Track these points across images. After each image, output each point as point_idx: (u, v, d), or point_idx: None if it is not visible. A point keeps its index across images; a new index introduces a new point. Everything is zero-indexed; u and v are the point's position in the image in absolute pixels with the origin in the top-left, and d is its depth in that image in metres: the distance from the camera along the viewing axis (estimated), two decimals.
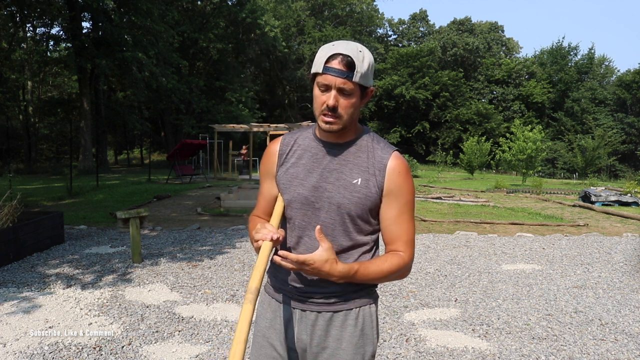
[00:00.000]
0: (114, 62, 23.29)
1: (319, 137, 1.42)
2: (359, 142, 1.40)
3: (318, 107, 1.33)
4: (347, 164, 1.38)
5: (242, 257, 5.80)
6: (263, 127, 21.71)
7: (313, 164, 1.40)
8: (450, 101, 43.56)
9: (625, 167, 37.85)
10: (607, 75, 49.70)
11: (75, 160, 23.58)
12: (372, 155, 1.38)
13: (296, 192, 1.39)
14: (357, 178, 1.36)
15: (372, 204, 1.36)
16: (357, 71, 1.28)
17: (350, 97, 1.30)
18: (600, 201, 12.19)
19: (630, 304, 4.34)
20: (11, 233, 5.37)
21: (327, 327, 1.39)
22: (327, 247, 1.28)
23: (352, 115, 1.33)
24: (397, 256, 1.36)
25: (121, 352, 3.11)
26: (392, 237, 1.38)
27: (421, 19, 54.01)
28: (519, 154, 20.28)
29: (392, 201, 1.37)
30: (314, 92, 1.34)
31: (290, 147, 1.45)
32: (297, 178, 1.40)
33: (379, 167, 1.36)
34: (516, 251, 6.48)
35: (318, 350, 1.39)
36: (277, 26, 34.57)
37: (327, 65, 1.28)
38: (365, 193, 1.35)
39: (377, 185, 1.36)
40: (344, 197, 1.35)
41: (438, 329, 3.65)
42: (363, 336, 1.40)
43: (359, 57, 1.28)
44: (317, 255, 1.27)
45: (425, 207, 11.18)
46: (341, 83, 1.28)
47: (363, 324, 1.40)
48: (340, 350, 1.38)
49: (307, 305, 1.40)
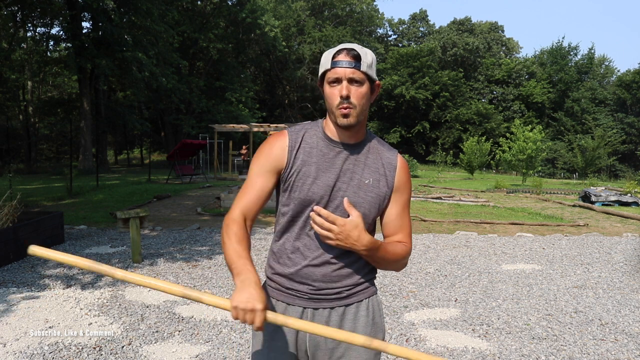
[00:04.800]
0: (114, 62, 23.28)
1: (329, 136, 1.42)
2: (368, 144, 1.45)
3: (333, 103, 1.35)
4: (359, 164, 1.42)
5: None
6: (263, 127, 21.71)
7: (325, 163, 1.39)
8: (450, 101, 43.54)
9: (625, 167, 37.84)
10: (607, 75, 49.70)
11: (75, 160, 23.57)
12: (379, 157, 1.44)
13: (311, 190, 1.37)
14: (368, 178, 1.41)
15: (383, 203, 1.43)
16: (364, 61, 1.34)
17: (361, 86, 1.35)
18: (600, 201, 12.19)
19: (630, 304, 4.34)
20: (11, 233, 5.37)
21: (340, 321, 1.40)
22: (357, 214, 1.34)
23: (364, 106, 1.37)
24: (405, 246, 1.44)
25: (121, 352, 3.11)
26: (396, 229, 1.45)
27: (421, 19, 54.00)
28: (519, 154, 20.28)
29: (399, 197, 1.45)
30: (325, 91, 1.38)
31: (299, 144, 1.41)
32: (309, 177, 1.38)
33: (389, 167, 1.44)
34: (516, 251, 6.48)
35: (333, 346, 1.40)
36: (277, 26, 34.56)
37: (335, 60, 1.34)
38: (377, 193, 1.42)
39: (387, 185, 1.43)
40: (358, 196, 1.39)
41: (438, 329, 3.65)
42: (374, 325, 1.45)
43: (362, 50, 1.36)
44: (349, 219, 1.32)
45: (425, 207, 11.18)
46: (351, 73, 1.33)
47: (374, 313, 1.45)
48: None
49: (319, 303, 1.40)
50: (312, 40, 41.95)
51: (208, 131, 25.46)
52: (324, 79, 1.39)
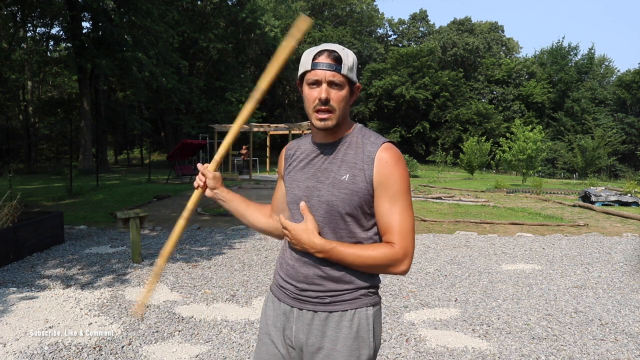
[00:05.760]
0: (114, 62, 23.28)
1: (313, 139, 1.48)
2: (349, 139, 1.41)
3: (310, 105, 1.35)
4: (336, 161, 1.40)
5: (242, 257, 5.80)
6: (263, 127, 21.71)
7: (307, 165, 1.45)
8: (450, 101, 43.55)
9: (625, 167, 37.85)
10: (607, 75, 49.73)
11: (75, 160, 23.58)
12: (361, 151, 1.37)
13: (292, 193, 1.46)
14: (344, 174, 1.37)
15: (361, 199, 1.35)
16: (344, 64, 1.33)
17: (341, 89, 1.34)
18: (600, 201, 12.19)
19: (630, 304, 4.34)
20: (11, 233, 5.37)
21: (322, 327, 1.39)
22: (309, 219, 1.37)
23: (343, 109, 1.36)
24: (387, 246, 1.34)
25: (121, 352, 3.11)
26: (384, 228, 1.36)
27: (421, 19, 54.02)
28: (519, 154, 20.28)
29: (382, 192, 1.35)
30: (304, 92, 1.37)
31: (294, 152, 1.53)
32: (295, 180, 1.47)
33: (367, 160, 1.35)
34: (516, 251, 6.48)
35: (314, 350, 1.40)
36: (277, 26, 34.56)
37: (315, 61, 1.33)
38: (352, 189, 1.35)
39: (365, 180, 1.34)
40: (332, 194, 1.37)
41: (438, 329, 3.65)
42: (358, 339, 1.38)
43: (343, 53, 1.34)
44: (298, 224, 1.38)
45: (425, 207, 11.18)
46: (331, 75, 1.32)
47: (358, 326, 1.38)
48: (335, 351, 1.38)
49: (303, 304, 1.41)
50: (312, 40, 41.95)
51: (208, 131, 25.45)
52: (303, 79, 1.37)
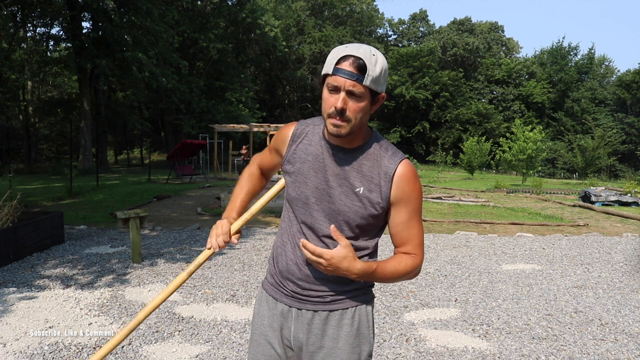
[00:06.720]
0: (114, 62, 23.28)
1: (326, 138, 1.39)
2: (366, 150, 1.36)
3: (326, 110, 1.28)
4: (351, 170, 1.34)
5: (242, 257, 5.80)
6: (263, 127, 21.71)
7: (318, 164, 1.38)
8: (450, 101, 43.56)
9: (625, 167, 37.84)
10: (607, 75, 49.72)
11: (75, 160, 23.57)
12: (377, 165, 1.34)
13: (299, 190, 1.39)
14: (359, 187, 1.33)
15: (373, 214, 1.34)
16: (369, 74, 1.23)
17: (360, 100, 1.26)
18: (600, 201, 12.19)
19: (630, 304, 4.34)
20: (11, 233, 5.37)
21: (323, 326, 1.39)
22: (345, 244, 1.29)
23: (361, 120, 1.28)
24: (411, 258, 1.37)
25: (121, 352, 3.11)
26: (403, 240, 1.38)
27: (421, 19, 54.00)
28: (519, 154, 20.29)
29: (402, 208, 1.35)
30: (323, 94, 1.29)
31: (301, 138, 1.43)
32: (301, 175, 1.39)
33: (385, 177, 1.33)
34: (516, 251, 6.48)
35: (314, 350, 1.39)
36: (277, 26, 34.57)
37: (338, 66, 1.24)
38: (365, 203, 1.33)
39: (381, 196, 1.33)
40: (344, 204, 1.34)
41: (438, 329, 3.65)
42: (359, 335, 1.40)
43: (371, 61, 1.24)
44: (336, 251, 1.28)
45: (425, 207, 11.18)
46: (351, 85, 1.23)
47: (359, 323, 1.40)
48: (336, 349, 1.38)
49: (303, 304, 1.40)
50: (312, 40, 41.96)
51: (208, 131, 25.45)
52: (325, 79, 1.30)
